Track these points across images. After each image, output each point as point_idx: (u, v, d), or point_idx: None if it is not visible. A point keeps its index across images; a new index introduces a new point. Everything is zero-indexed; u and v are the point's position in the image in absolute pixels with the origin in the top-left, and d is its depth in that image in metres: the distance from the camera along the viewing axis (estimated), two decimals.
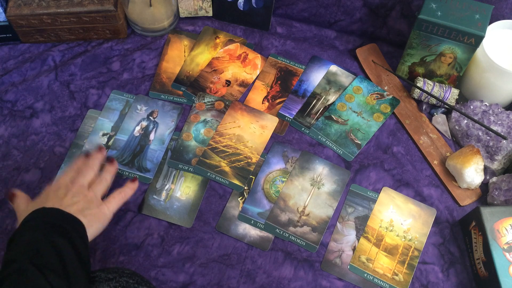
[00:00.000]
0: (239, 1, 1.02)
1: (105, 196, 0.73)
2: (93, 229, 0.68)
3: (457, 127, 0.92)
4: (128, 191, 0.75)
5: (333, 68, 1.00)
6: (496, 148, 0.88)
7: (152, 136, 0.90)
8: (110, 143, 0.89)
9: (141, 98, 0.94)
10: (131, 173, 0.86)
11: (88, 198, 0.70)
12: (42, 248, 0.59)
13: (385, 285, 0.78)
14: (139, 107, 0.93)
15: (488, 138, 0.89)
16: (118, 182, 0.85)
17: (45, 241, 0.59)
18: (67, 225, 0.64)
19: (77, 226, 0.65)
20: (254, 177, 0.87)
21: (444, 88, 0.93)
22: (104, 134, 0.90)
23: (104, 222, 0.70)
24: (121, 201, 0.74)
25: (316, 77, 0.99)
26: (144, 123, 0.92)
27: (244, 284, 0.78)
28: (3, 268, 0.56)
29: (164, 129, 0.91)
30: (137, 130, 0.91)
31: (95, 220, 0.68)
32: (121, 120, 0.92)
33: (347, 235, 0.82)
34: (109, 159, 0.77)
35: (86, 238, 0.66)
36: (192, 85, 0.96)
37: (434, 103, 0.94)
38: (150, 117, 0.92)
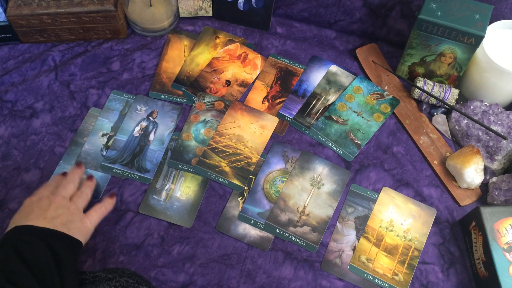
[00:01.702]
0: (239, 1, 1.01)
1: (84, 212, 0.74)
2: None
3: (457, 127, 0.92)
4: (107, 205, 0.76)
5: (333, 68, 1.00)
6: (496, 148, 0.88)
7: (151, 137, 0.90)
8: (109, 143, 0.89)
9: (141, 98, 0.94)
10: (131, 174, 0.86)
11: (70, 210, 0.70)
12: (15, 268, 0.59)
13: (385, 285, 0.78)
14: (138, 107, 0.93)
15: (488, 138, 0.89)
16: (118, 182, 0.85)
17: (17, 260, 0.60)
18: (41, 242, 0.63)
19: (58, 239, 0.65)
20: (254, 177, 0.87)
21: (444, 88, 0.93)
22: (103, 135, 0.90)
23: (86, 235, 0.71)
24: (102, 215, 0.75)
25: (316, 77, 0.99)
26: (144, 124, 0.92)
27: (244, 284, 0.78)
28: None
29: (163, 129, 0.91)
30: (137, 130, 0.91)
31: (78, 233, 0.68)
32: (120, 120, 0.92)
33: (347, 235, 0.82)
34: (88, 176, 0.79)
35: (71, 247, 0.66)
36: (192, 85, 0.96)
37: (434, 103, 0.94)
38: (150, 117, 0.92)
